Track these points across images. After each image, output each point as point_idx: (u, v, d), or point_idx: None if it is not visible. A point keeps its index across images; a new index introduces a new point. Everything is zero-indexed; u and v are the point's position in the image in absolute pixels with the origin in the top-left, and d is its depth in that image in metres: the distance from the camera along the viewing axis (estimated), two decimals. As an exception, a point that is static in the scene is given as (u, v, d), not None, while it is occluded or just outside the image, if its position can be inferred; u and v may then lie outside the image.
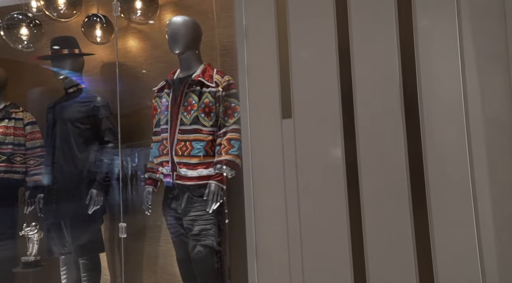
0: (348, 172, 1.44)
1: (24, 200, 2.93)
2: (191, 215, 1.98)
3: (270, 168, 1.67)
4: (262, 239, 1.69)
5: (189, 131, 2.00)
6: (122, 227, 2.10)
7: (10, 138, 2.89)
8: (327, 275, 1.52)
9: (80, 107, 2.55)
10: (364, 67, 1.47)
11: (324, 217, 1.49)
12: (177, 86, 2.10)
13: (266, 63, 1.70)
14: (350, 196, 1.47)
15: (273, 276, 1.66)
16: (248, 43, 1.74)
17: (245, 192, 1.71)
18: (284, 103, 1.66)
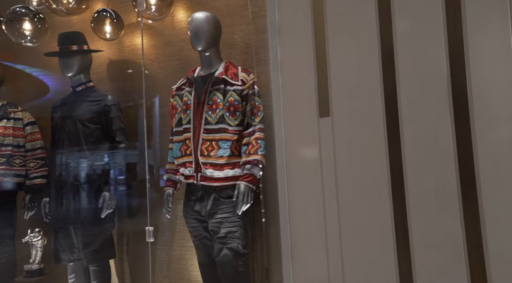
0: (392, 171, 1.41)
1: (24, 205, 2.77)
2: (217, 217, 1.91)
3: (306, 167, 1.63)
4: (298, 239, 1.64)
5: (214, 131, 1.93)
6: (150, 230, 2.00)
7: (9, 139, 2.73)
8: (370, 276, 1.48)
9: (90, 106, 2.43)
10: (409, 66, 1.44)
11: (366, 216, 1.46)
12: (199, 84, 2.03)
13: (301, 61, 1.67)
14: (395, 195, 1.44)
15: (309, 277, 1.61)
16: (281, 40, 1.70)
17: (279, 191, 1.66)
18: (321, 102, 1.63)
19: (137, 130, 2.59)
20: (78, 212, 2.32)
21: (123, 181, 2.41)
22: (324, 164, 1.57)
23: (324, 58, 1.59)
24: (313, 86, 1.62)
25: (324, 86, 1.60)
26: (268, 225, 1.76)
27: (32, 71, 3.13)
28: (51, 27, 2.76)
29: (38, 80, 3.09)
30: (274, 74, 1.71)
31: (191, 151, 1.97)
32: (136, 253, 2.58)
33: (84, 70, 2.52)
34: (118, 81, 2.73)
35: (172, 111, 2.17)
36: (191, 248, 2.43)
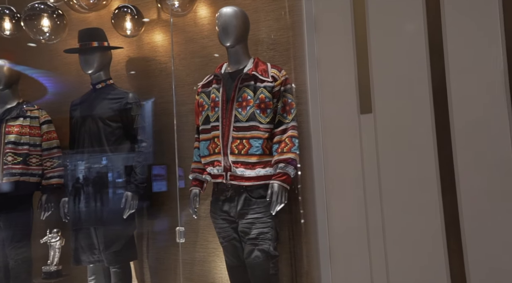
0: (442, 170, 1.35)
1: (40, 205, 2.71)
2: (248, 218, 1.85)
3: (346, 165, 1.57)
4: (337, 241, 1.59)
5: (245, 129, 1.87)
6: (180, 231, 1.94)
7: (26, 138, 2.68)
8: (418, 281, 1.42)
9: (111, 104, 2.37)
10: (461, 61, 1.38)
11: (413, 217, 1.40)
12: (227, 81, 1.98)
13: (340, 56, 1.61)
14: (445, 195, 1.38)
15: (350, 280, 1.55)
16: (319, 35, 1.64)
17: (317, 191, 1.61)
18: (362, 98, 1.57)
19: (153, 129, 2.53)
20: (99, 212, 2.27)
21: (144, 181, 2.34)
22: (366, 162, 1.51)
23: (365, 52, 1.53)
24: (353, 82, 1.56)
25: (365, 81, 1.54)
26: (307, 226, 1.70)
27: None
28: (70, 24, 2.71)
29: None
30: (311, 70, 1.65)
31: (219, 149, 1.91)
32: (157, 255, 2.51)
33: (104, 68, 2.46)
34: (137, 79, 2.67)
35: (197, 109, 2.12)
36: (214, 249, 2.37)
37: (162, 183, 2.60)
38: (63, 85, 2.99)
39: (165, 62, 2.58)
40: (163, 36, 2.61)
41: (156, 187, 2.62)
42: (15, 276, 2.64)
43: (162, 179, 2.62)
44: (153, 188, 2.65)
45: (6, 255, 2.69)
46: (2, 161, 2.60)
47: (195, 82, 2.48)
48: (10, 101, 2.76)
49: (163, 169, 2.67)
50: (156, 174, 2.48)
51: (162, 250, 2.51)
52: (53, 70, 3.02)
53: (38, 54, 3.07)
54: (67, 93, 2.99)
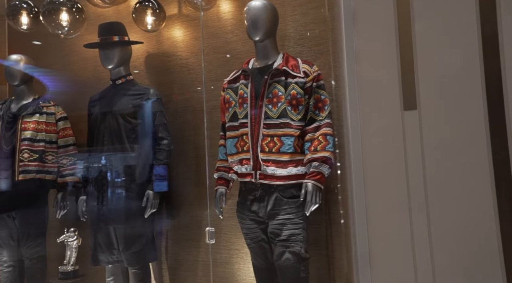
0: (497, 174, 1.27)
1: (56, 203, 2.65)
2: (279, 219, 1.78)
3: (388, 165, 1.50)
4: (378, 244, 1.51)
5: (276, 126, 1.81)
6: (210, 231, 1.87)
7: (42, 135, 2.62)
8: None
9: (131, 100, 2.31)
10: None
11: (463, 223, 1.33)
12: (256, 77, 1.91)
13: (381, 49, 1.54)
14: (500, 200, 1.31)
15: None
16: (358, 28, 1.57)
17: (355, 192, 1.53)
18: (406, 93, 1.50)
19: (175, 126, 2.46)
20: (120, 211, 2.20)
21: (165, 179, 2.28)
22: (409, 163, 1.44)
23: (409, 45, 1.45)
24: (396, 77, 1.48)
25: (409, 76, 1.46)
26: (347, 227, 1.63)
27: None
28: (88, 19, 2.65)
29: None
30: (350, 65, 1.58)
31: (248, 147, 1.85)
32: (176, 256, 2.45)
33: (124, 63, 2.40)
34: (157, 75, 2.61)
35: (223, 106, 2.05)
36: (237, 251, 2.30)
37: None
38: (79, 81, 2.92)
39: (186, 58, 2.52)
40: (183, 31, 2.54)
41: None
42: (30, 276, 2.58)
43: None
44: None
45: (21, 254, 2.63)
46: (18, 158, 2.54)
47: (218, 78, 2.42)
48: (26, 97, 2.70)
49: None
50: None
51: (182, 250, 2.44)
52: (69, 66, 2.96)
53: (53, 50, 3.01)
54: (82, 89, 2.94)
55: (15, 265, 2.60)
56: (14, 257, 2.60)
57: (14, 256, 2.60)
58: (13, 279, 2.60)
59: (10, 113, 2.62)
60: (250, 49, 2.35)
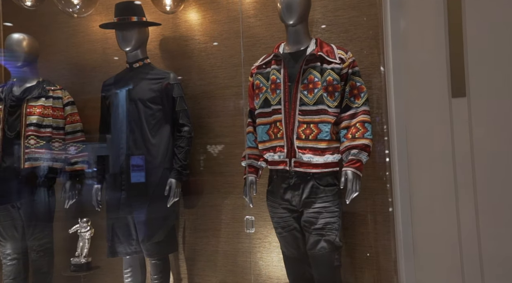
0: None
1: (64, 192, 2.52)
2: (315, 207, 1.75)
3: (434, 155, 1.49)
4: (423, 235, 1.50)
5: (313, 112, 1.76)
6: (250, 220, 1.81)
7: (49, 120, 2.47)
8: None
9: (151, 85, 2.20)
10: None
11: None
12: (289, 62, 1.85)
13: (428, 34, 1.51)
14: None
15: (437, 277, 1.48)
16: (404, 11, 1.54)
17: (399, 181, 1.52)
18: (454, 79, 1.48)
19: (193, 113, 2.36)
20: (140, 200, 2.11)
21: (186, 167, 2.19)
22: (457, 152, 1.43)
23: (458, 28, 1.43)
24: (444, 62, 1.46)
25: (459, 61, 1.44)
26: (396, 216, 1.62)
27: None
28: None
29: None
30: (395, 50, 1.55)
31: (282, 134, 1.80)
32: (194, 247, 2.38)
33: (142, 45, 2.28)
34: (173, 59, 2.50)
35: (252, 92, 1.98)
36: (259, 240, 2.26)
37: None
38: (86, 64, 2.77)
39: (205, 42, 2.42)
40: (202, 15, 2.44)
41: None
42: (37, 269, 2.45)
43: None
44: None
45: (25, 246, 2.50)
46: (23, 144, 2.39)
47: (240, 64, 2.34)
48: (29, 79, 2.53)
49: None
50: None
51: (200, 241, 2.37)
52: (75, 48, 2.80)
53: (56, 30, 2.84)
54: (90, 73, 2.79)
55: (19, 257, 2.46)
56: (18, 250, 2.46)
57: (18, 248, 2.46)
58: (17, 272, 2.46)
59: (13, 97, 2.46)
60: (275, 35, 2.29)
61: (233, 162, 2.32)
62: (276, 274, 2.19)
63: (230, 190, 2.33)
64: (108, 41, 2.72)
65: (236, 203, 2.30)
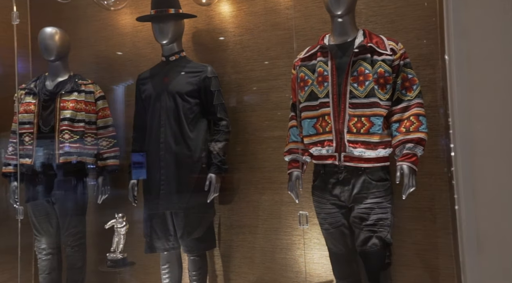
0: None
1: (97, 188, 2.50)
2: (367, 202, 1.70)
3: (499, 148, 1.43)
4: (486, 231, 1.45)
5: (364, 106, 1.71)
6: (304, 216, 1.77)
7: (82, 114, 2.44)
8: None
9: (188, 78, 2.16)
10: None
11: None
12: (336, 54, 1.80)
13: (494, 22, 1.46)
14: None
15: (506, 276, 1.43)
16: (463, 1, 1.48)
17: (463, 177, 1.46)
18: (522, 71, 1.43)
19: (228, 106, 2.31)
20: (180, 195, 2.07)
21: (225, 162, 2.15)
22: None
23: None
24: (510, 51, 1.41)
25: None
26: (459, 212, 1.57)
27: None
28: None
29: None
30: (457, 41, 1.48)
31: (331, 128, 1.74)
32: (230, 243, 2.34)
33: (178, 38, 2.24)
34: (207, 52, 2.45)
35: (295, 85, 1.93)
36: (299, 237, 2.22)
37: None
38: (115, 58, 2.74)
39: (240, 35, 2.37)
40: (237, 6, 2.39)
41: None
42: (71, 264, 2.43)
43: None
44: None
45: (59, 241, 2.48)
46: (57, 139, 2.36)
47: (278, 57, 2.29)
48: (61, 74, 2.51)
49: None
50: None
51: (236, 237, 2.34)
52: (104, 42, 2.77)
53: (84, 24, 2.81)
54: (120, 67, 2.76)
55: (53, 252, 2.45)
56: (53, 245, 2.45)
57: (53, 243, 2.45)
58: (52, 267, 2.45)
59: (46, 91, 2.43)
60: (315, 26, 2.24)
61: (271, 157, 2.27)
62: (317, 272, 2.15)
63: (267, 185, 2.29)
64: (138, 34, 2.68)
65: (274, 199, 2.25)
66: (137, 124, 2.31)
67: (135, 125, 2.33)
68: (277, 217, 2.25)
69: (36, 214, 2.40)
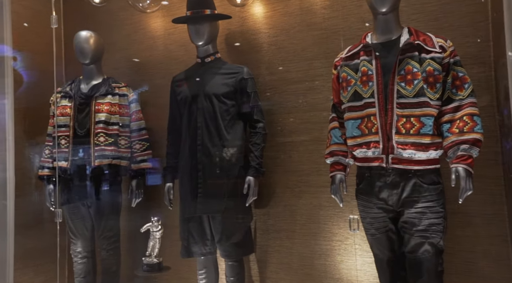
0: None
1: (131, 191, 2.49)
2: (418, 207, 1.62)
3: None
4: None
5: (413, 105, 1.64)
6: (355, 219, 1.71)
7: (116, 117, 2.44)
8: None
9: (225, 80, 2.13)
10: None
11: None
12: (381, 52, 1.74)
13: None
14: None
15: None
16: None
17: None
18: None
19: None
20: (218, 199, 2.03)
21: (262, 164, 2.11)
22: None
23: None
24: None
25: None
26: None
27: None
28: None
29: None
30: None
31: (377, 129, 1.68)
32: (266, 248, 2.29)
33: (214, 39, 2.22)
34: (240, 53, 2.42)
35: (337, 85, 1.87)
36: (339, 242, 2.15)
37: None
38: (148, 62, 2.74)
39: (275, 35, 2.33)
40: (272, 7, 2.35)
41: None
42: (106, 267, 2.43)
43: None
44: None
45: (94, 245, 2.48)
46: (93, 142, 2.37)
47: (315, 57, 2.24)
48: (95, 77, 2.52)
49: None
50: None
51: (273, 242, 2.28)
52: (135, 45, 2.77)
53: (116, 28, 2.82)
54: (152, 70, 2.76)
55: (89, 256, 2.45)
56: (88, 248, 2.45)
57: (88, 246, 2.45)
58: (87, 271, 2.45)
59: (82, 94, 2.44)
60: (353, 26, 2.18)
61: (309, 159, 2.22)
62: (360, 278, 2.07)
63: (304, 189, 2.23)
64: (170, 37, 2.68)
65: (312, 203, 2.19)
66: (172, 127, 2.29)
67: (169, 128, 2.32)
68: (315, 221, 2.18)
69: (72, 217, 2.41)
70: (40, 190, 2.74)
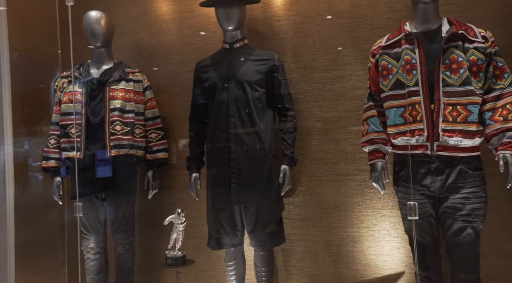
0: None
1: (148, 182, 2.37)
2: (463, 192, 1.68)
3: None
4: None
5: (459, 94, 1.68)
6: (414, 206, 1.71)
7: (131, 105, 2.30)
8: None
9: (256, 66, 2.06)
10: None
11: None
12: (424, 41, 1.76)
13: None
14: None
15: None
16: None
17: None
18: None
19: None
20: (252, 189, 1.98)
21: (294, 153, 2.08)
22: None
23: None
24: None
25: None
26: None
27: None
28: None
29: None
30: None
31: (422, 117, 1.71)
32: (292, 237, 2.26)
33: (242, 24, 2.13)
34: (264, 40, 2.35)
35: (376, 73, 1.88)
36: (367, 229, 2.18)
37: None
38: (159, 46, 2.59)
39: (301, 23, 2.29)
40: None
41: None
42: (122, 263, 2.29)
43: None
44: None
45: (106, 240, 2.33)
46: (108, 131, 2.21)
47: (342, 45, 2.23)
48: (106, 61, 2.34)
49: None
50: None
51: (298, 230, 2.27)
52: (146, 29, 2.61)
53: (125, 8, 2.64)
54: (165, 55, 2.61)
55: (101, 252, 2.30)
56: (101, 243, 2.30)
57: (101, 242, 2.30)
58: (100, 267, 2.30)
59: (93, 79, 2.26)
60: (383, 15, 2.19)
61: (336, 148, 2.22)
62: (388, 263, 2.12)
63: (331, 177, 2.23)
64: (185, 21, 2.54)
65: (340, 191, 2.20)
66: (195, 115, 2.19)
67: (192, 116, 2.21)
68: (342, 209, 2.20)
69: (85, 211, 2.22)
70: (40, 182, 2.54)
